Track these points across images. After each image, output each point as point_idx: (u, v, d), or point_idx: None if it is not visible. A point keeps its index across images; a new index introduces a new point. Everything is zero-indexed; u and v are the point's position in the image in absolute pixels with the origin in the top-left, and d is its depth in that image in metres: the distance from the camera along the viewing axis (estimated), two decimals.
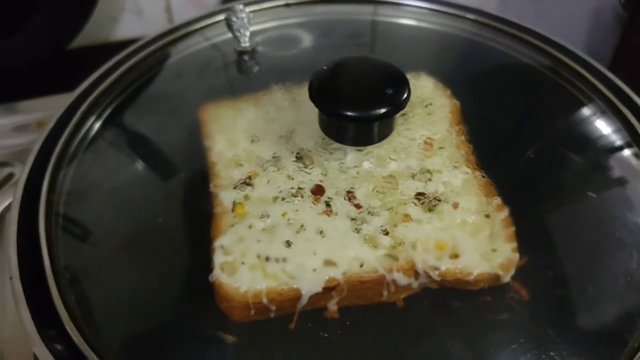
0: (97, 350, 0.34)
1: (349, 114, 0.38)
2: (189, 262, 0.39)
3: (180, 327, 0.37)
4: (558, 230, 0.41)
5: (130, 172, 0.44)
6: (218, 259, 0.37)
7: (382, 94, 0.39)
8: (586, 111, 0.48)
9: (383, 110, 0.38)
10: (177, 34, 0.53)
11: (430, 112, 0.45)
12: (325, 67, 0.40)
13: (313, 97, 0.39)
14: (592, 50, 0.52)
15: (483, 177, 0.41)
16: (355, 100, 0.38)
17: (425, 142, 0.43)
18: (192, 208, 0.41)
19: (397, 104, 0.38)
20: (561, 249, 0.40)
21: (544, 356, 0.35)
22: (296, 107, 0.45)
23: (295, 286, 0.36)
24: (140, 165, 0.44)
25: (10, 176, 0.52)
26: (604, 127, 0.46)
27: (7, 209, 0.50)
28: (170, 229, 0.40)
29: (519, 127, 0.47)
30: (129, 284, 0.38)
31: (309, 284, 0.36)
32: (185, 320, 0.37)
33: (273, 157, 0.42)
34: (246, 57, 0.51)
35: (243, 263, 0.37)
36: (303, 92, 0.45)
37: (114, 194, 0.43)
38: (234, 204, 0.40)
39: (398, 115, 0.40)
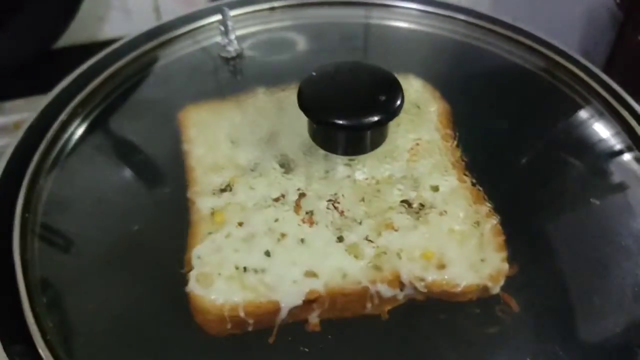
0: None
1: (341, 122, 0.36)
2: (166, 273, 0.37)
3: (157, 342, 0.35)
4: (551, 238, 0.39)
5: (108, 179, 0.43)
6: (194, 269, 0.35)
7: (374, 101, 0.37)
8: (583, 114, 0.46)
9: (376, 118, 0.36)
10: (162, 37, 0.51)
11: (418, 116, 0.43)
12: (314, 74, 0.38)
13: (302, 106, 0.37)
14: (586, 51, 0.51)
15: (472, 183, 0.40)
16: (346, 107, 0.36)
17: (412, 147, 0.41)
18: (169, 216, 0.40)
19: (391, 111, 0.36)
20: (555, 258, 0.38)
21: None
22: (279, 112, 0.43)
23: (274, 298, 0.34)
24: (116, 171, 0.43)
25: None
26: (601, 130, 0.45)
27: None
28: (147, 238, 0.39)
29: (511, 131, 0.45)
30: (104, 296, 0.36)
31: (289, 296, 0.35)
32: (162, 335, 0.35)
33: (254, 163, 0.40)
34: (231, 63, 0.50)
35: (220, 274, 0.35)
36: (286, 96, 0.44)
37: (92, 202, 0.41)
38: (212, 211, 0.38)
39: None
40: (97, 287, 0.37)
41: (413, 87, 0.45)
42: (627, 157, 0.43)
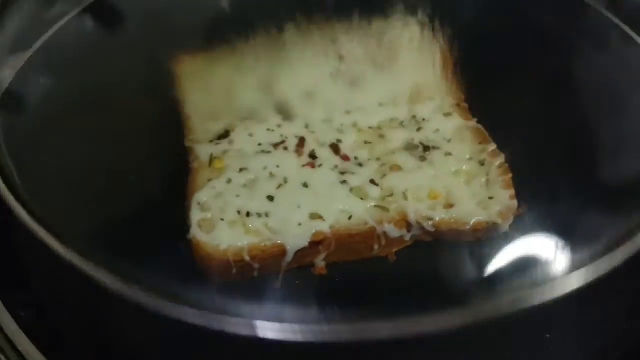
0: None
1: None
2: (166, 222, 0.36)
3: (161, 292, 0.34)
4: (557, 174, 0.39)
5: (104, 131, 0.41)
6: (195, 216, 0.34)
7: None
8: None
9: None
10: None
11: (420, 58, 0.42)
12: None
13: None
14: None
15: (477, 123, 0.39)
16: None
17: (415, 89, 0.40)
18: (168, 164, 0.39)
19: None
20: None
21: None
22: (277, 57, 0.42)
23: (279, 241, 0.34)
24: (112, 122, 0.41)
25: None
26: None
27: None
28: (146, 186, 0.38)
29: (513, 69, 0.44)
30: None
31: (294, 239, 0.34)
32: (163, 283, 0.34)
33: (252, 109, 0.39)
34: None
35: (222, 219, 0.34)
36: (284, 41, 0.42)
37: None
38: (212, 158, 0.37)
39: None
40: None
41: (414, 31, 0.44)
42: None
